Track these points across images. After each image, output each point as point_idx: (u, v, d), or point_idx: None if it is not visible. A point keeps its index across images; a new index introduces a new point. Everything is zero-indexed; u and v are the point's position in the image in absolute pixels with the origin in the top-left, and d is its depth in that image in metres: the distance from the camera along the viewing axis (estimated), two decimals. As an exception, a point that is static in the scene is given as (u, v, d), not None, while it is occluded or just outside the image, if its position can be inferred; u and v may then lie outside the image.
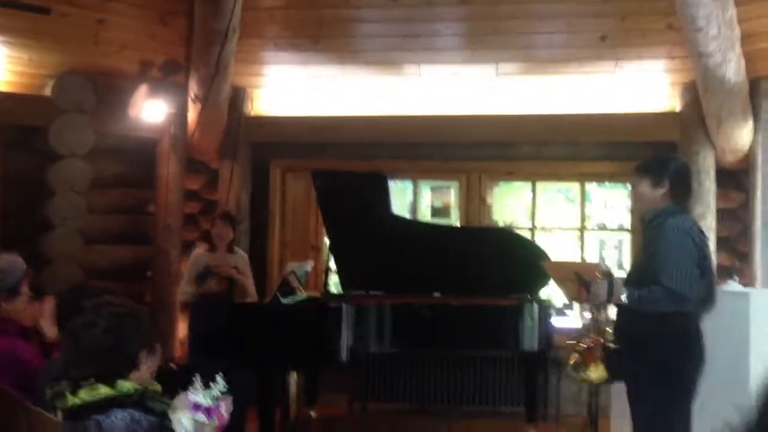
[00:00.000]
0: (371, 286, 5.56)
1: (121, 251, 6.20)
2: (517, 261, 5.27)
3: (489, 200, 6.27)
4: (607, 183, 6.37)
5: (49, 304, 3.29)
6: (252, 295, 5.29)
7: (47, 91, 5.61)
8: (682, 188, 3.33)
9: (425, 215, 6.60)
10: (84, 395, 2.27)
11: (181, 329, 6.00)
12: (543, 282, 5.35)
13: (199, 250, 5.37)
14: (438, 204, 7.02)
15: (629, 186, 5.98)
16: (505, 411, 5.84)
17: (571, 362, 3.34)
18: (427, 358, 5.85)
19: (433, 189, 6.91)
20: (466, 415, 5.84)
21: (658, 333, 3.16)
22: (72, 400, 2.28)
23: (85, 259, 5.74)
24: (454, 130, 6.00)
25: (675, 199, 3.29)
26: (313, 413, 5.74)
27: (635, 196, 3.40)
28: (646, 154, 5.83)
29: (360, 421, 5.84)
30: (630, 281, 3.34)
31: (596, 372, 3.29)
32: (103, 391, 2.27)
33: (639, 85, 5.85)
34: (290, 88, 6.32)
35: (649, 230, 3.34)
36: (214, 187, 6.44)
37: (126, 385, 2.30)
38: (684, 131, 5.70)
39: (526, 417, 5.55)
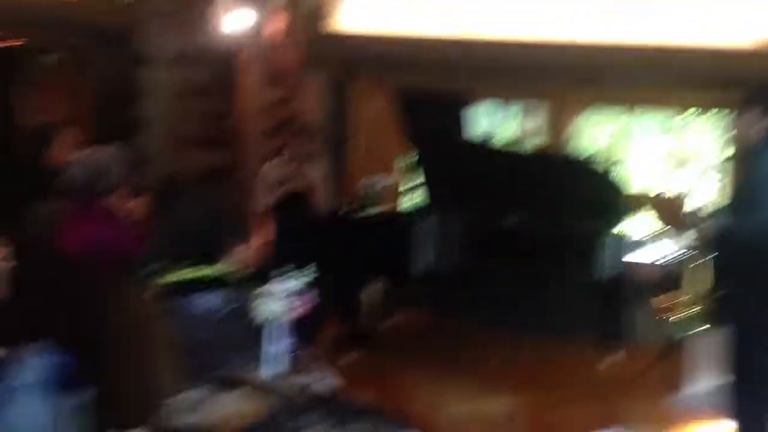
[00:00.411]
0: (449, 204, 5.57)
1: (206, 156, 6.35)
2: (598, 190, 5.18)
3: (576, 127, 6.11)
4: (702, 112, 6.10)
5: (142, 202, 3.45)
6: (324, 208, 5.35)
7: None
8: None
9: (508, 140, 6.49)
10: (180, 275, 2.38)
11: (265, 234, 6.12)
12: (623, 211, 5.26)
13: (272, 162, 5.41)
14: (522, 129, 6.89)
15: (728, 116, 5.72)
16: (583, 336, 5.79)
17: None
18: (506, 276, 5.82)
19: (518, 113, 6.77)
20: (543, 336, 5.81)
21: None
22: (169, 279, 2.40)
23: (173, 161, 5.91)
24: (543, 52, 5.81)
25: None
26: (391, 324, 5.86)
27: (737, 126, 3.25)
28: (746, 85, 5.58)
29: (438, 334, 5.92)
30: (727, 214, 3.22)
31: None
32: (198, 271, 2.38)
33: (742, 11, 5.52)
34: (374, 1, 6.22)
35: (750, 162, 3.20)
36: (294, 100, 6.46)
37: (220, 267, 2.40)
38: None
39: (604, 344, 5.54)
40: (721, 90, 5.26)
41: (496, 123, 6.34)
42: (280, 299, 2.33)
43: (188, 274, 2.43)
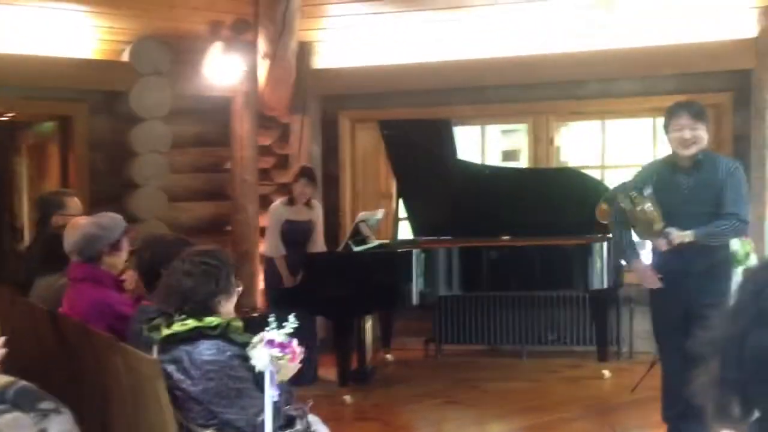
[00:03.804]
0: (441, 232, 5.69)
1: (202, 207, 6.50)
2: (584, 201, 5.29)
3: (557, 142, 6.23)
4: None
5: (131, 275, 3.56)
6: (320, 245, 5.47)
7: (126, 57, 5.86)
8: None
9: (494, 160, 6.62)
10: (176, 327, 2.52)
11: (261, 280, 6.26)
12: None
13: (278, 203, 5.54)
14: (507, 148, 7.04)
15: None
16: (577, 350, 5.90)
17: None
18: (498, 300, 5.96)
19: (501, 133, 6.93)
20: (537, 355, 5.93)
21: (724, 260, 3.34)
22: (165, 332, 2.53)
23: (169, 216, 6.04)
24: (519, 71, 5.95)
25: None
26: (389, 356, 5.97)
27: (693, 138, 3.48)
28: (721, 85, 5.69)
29: (435, 362, 6.02)
30: (685, 214, 3.42)
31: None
32: (191, 323, 2.51)
33: (713, 10, 5.63)
34: (354, 38, 6.41)
35: (705, 168, 3.47)
36: (286, 141, 6.63)
37: (211, 320, 2.53)
38: (761, 58, 5.50)
39: (597, 356, 5.63)
40: (697, 93, 5.37)
41: (481, 146, 6.45)
42: (274, 346, 2.44)
43: (189, 323, 2.56)
